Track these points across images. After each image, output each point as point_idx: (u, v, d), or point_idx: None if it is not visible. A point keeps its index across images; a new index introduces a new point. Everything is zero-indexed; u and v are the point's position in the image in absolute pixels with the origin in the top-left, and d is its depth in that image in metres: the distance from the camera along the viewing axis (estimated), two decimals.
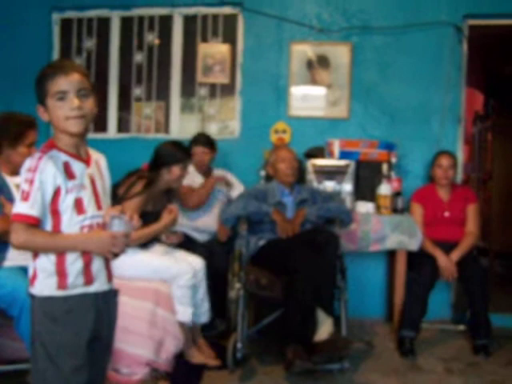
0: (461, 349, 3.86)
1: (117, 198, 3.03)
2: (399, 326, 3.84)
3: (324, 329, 3.26)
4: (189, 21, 4.86)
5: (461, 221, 4.11)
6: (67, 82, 1.80)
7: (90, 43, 4.99)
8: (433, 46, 4.52)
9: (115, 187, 3.11)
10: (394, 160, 4.29)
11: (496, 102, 6.44)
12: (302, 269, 3.24)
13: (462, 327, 4.16)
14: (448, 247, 3.95)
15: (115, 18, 4.92)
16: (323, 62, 4.63)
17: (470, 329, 3.92)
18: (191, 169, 4.04)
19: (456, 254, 3.91)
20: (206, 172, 4.23)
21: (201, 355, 3.40)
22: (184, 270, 3.30)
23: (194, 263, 3.42)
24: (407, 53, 4.55)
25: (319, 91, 4.64)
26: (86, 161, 1.90)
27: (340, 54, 4.61)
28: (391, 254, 4.29)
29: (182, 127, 4.91)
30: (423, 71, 4.54)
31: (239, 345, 3.34)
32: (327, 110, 4.63)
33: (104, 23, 4.95)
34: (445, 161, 4.15)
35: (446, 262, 3.88)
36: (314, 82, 4.64)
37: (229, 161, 4.57)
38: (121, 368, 3.04)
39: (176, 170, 3.49)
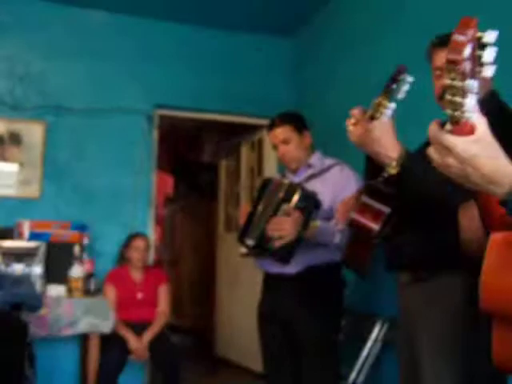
0: None
1: None
2: None
3: None
4: None
5: (153, 301, 4.21)
6: None
7: None
8: (127, 131, 4.70)
9: None
10: (86, 241, 4.25)
11: (184, 186, 6.87)
12: None
13: None
14: (141, 328, 4.00)
15: None
16: (15, 139, 4.45)
17: None
18: None
19: (148, 335, 3.98)
20: None
21: None
22: None
23: None
24: (103, 136, 4.65)
25: (9, 169, 4.43)
26: None
27: (33, 132, 4.49)
28: (85, 338, 4.18)
29: None
30: (117, 154, 4.67)
31: None
32: (18, 189, 4.43)
33: None
34: (138, 243, 4.25)
35: (137, 344, 3.93)
36: (4, 159, 4.43)
37: None
38: None
39: None
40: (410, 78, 1.79)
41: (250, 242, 2.78)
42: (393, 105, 1.79)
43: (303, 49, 5.09)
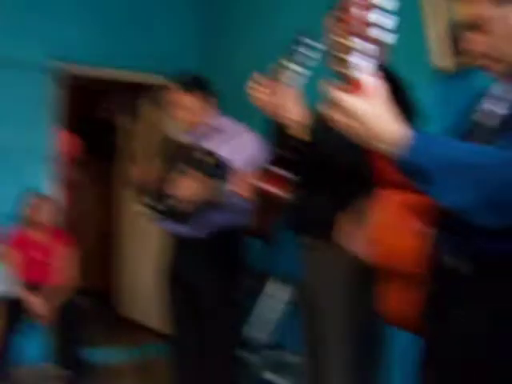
0: None
1: None
2: None
3: None
4: None
5: (57, 263, 4.15)
6: None
7: None
8: (26, 86, 4.45)
9: None
10: None
11: (89, 144, 6.63)
12: None
13: (59, 368, 4.14)
14: (44, 290, 3.96)
15: None
16: None
17: (68, 368, 3.96)
18: None
19: (51, 297, 3.95)
20: None
21: None
22: None
23: None
24: None
25: None
26: None
27: None
28: None
29: None
30: (13, 110, 4.39)
31: None
32: None
33: None
34: (38, 203, 4.15)
35: (40, 306, 3.90)
36: None
37: None
38: None
39: None
40: (315, 43, 1.79)
41: (152, 202, 2.79)
42: (298, 68, 1.79)
43: (211, 12, 5.04)
